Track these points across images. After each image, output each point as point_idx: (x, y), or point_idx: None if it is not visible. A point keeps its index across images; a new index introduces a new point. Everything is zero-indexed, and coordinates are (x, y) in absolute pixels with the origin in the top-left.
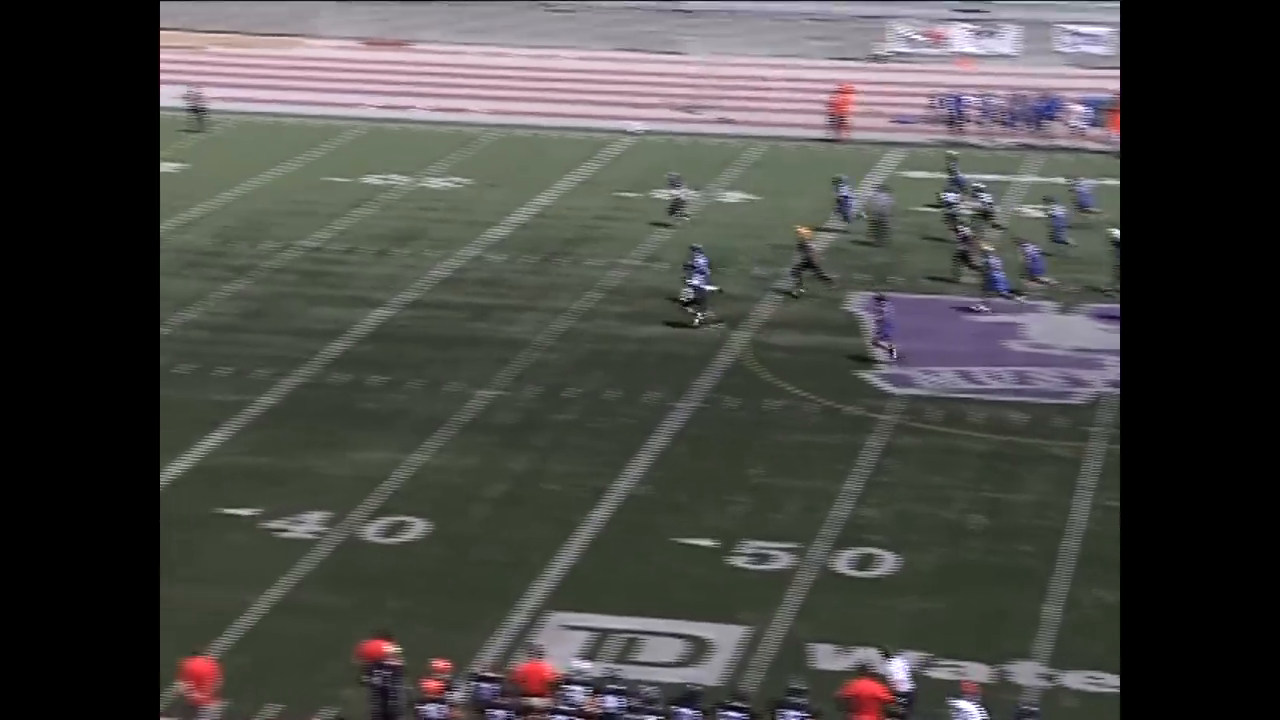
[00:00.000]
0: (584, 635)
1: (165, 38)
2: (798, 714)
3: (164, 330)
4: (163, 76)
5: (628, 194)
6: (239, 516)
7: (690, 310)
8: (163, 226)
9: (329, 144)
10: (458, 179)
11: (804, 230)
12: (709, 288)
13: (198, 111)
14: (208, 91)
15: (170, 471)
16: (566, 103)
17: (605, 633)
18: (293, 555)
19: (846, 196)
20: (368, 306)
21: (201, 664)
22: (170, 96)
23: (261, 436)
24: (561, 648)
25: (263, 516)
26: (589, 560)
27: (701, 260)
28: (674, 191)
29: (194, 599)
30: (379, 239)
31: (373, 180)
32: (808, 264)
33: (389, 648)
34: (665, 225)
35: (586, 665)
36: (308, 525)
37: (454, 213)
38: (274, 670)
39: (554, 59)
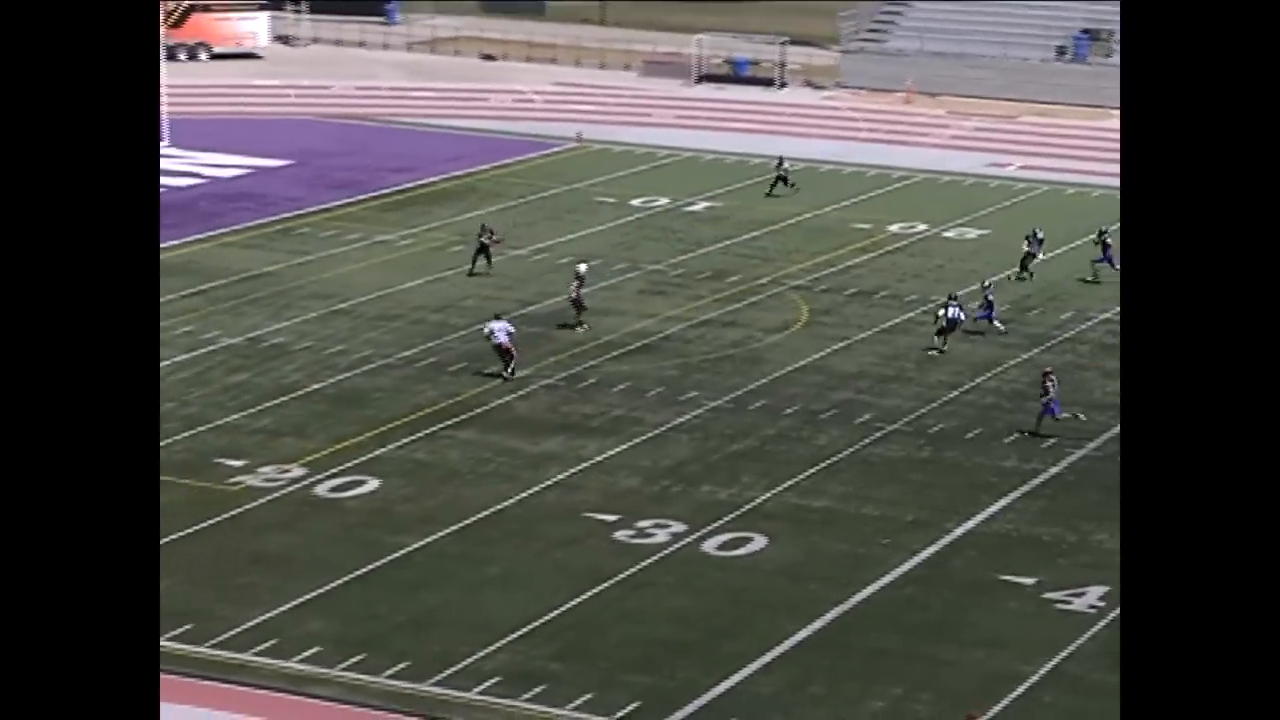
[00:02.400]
0: None
1: (976, 106)
2: None
3: (951, 394)
4: (965, 144)
5: None
6: (1020, 585)
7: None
8: (961, 292)
9: None
10: None
11: None
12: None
13: (783, 176)
14: (1015, 160)
15: (953, 534)
16: None
17: None
18: (1070, 628)
19: None
20: None
21: None
22: (977, 164)
23: (1046, 506)
24: None
25: (1043, 586)
26: None
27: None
28: None
29: (971, 662)
30: None
31: None
32: None
33: None
34: None
35: None
36: (1088, 599)
37: None
38: None
39: None
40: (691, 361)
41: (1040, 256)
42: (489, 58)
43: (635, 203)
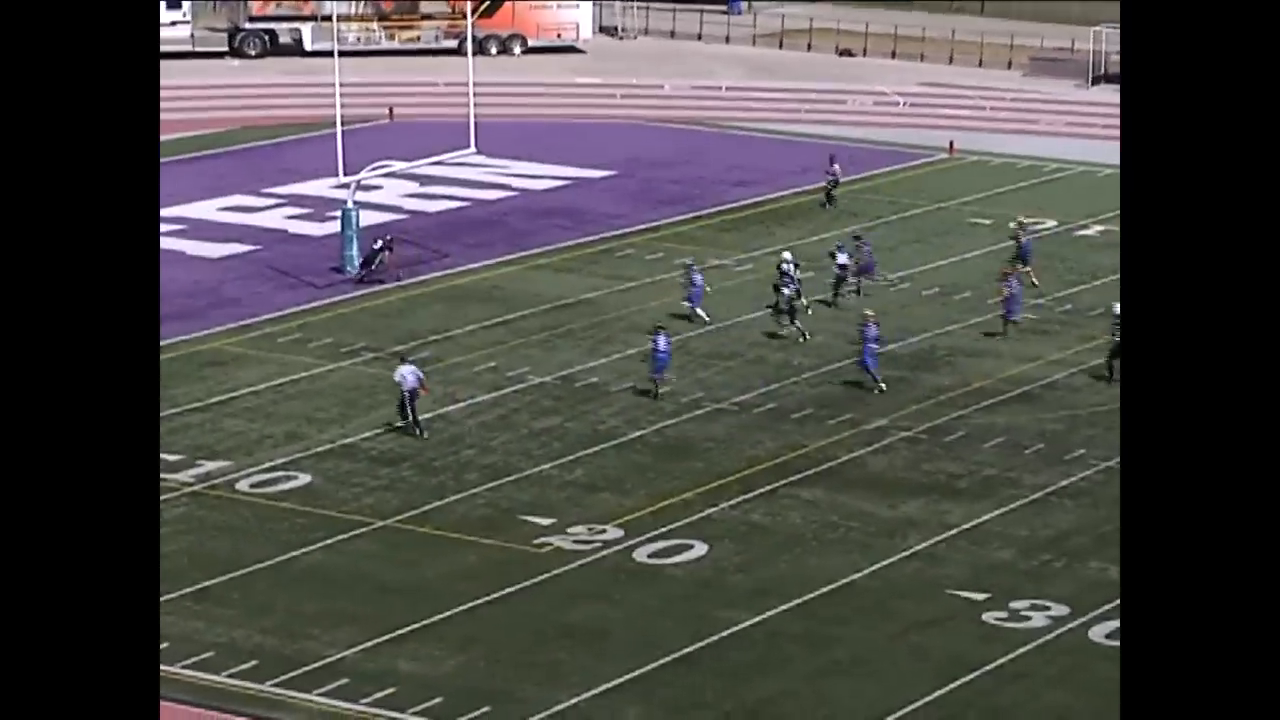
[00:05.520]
0: None
1: None
2: None
3: None
4: None
5: None
6: None
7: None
8: None
9: None
10: None
11: None
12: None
13: (829, 189)
14: None
15: None
16: None
17: None
18: None
19: None
20: None
21: None
22: None
23: None
24: None
25: None
26: None
27: (698, 277)
28: None
29: None
30: None
31: None
32: None
33: None
34: None
35: None
36: None
37: None
38: None
39: None
40: (1080, 414)
41: (851, 280)
42: (846, 53)
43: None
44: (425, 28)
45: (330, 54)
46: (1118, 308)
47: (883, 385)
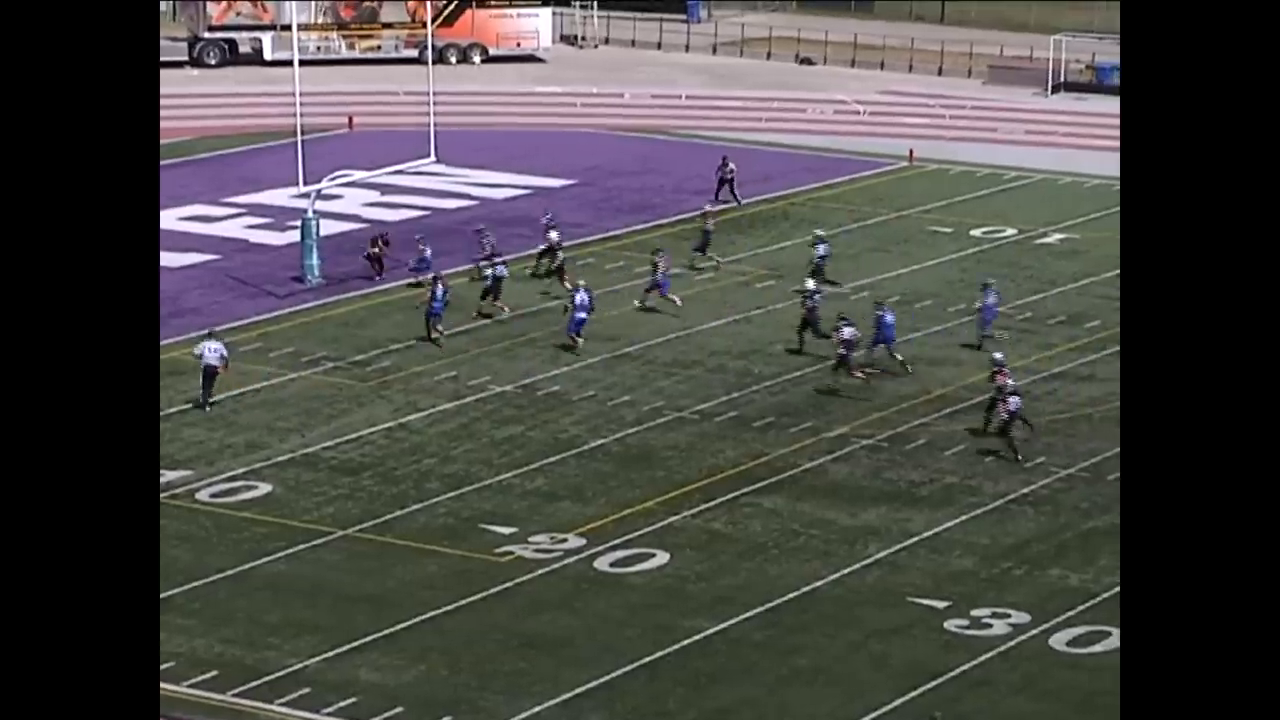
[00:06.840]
0: None
1: None
2: None
3: None
4: None
5: None
6: None
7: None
8: None
9: None
10: None
11: None
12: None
13: (727, 179)
14: None
15: None
16: None
17: None
18: None
19: None
20: None
21: None
22: None
23: None
24: None
25: None
26: None
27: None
28: None
29: None
30: None
31: None
32: None
33: None
34: None
35: None
36: None
37: None
38: None
39: None
40: (1040, 421)
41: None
42: (806, 61)
43: (976, 233)
44: (385, 37)
45: (290, 63)
46: (810, 282)
47: (579, 342)
